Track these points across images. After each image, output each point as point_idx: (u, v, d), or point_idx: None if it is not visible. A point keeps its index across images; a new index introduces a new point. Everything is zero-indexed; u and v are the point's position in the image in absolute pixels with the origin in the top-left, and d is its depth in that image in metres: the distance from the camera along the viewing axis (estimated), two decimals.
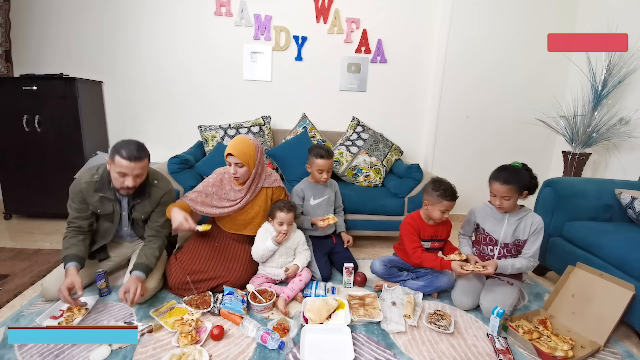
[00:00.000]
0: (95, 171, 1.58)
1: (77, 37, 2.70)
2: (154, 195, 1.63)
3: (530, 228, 1.58)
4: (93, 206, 1.56)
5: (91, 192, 1.54)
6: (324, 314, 1.45)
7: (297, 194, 2.01)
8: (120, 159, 1.42)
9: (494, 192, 1.56)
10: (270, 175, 1.85)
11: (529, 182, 1.53)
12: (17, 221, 2.64)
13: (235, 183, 1.76)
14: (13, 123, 2.44)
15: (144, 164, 1.49)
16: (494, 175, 1.57)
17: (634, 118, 2.31)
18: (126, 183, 1.46)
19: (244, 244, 1.82)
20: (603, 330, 1.38)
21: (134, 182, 1.48)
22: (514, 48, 2.77)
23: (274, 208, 1.71)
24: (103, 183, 1.55)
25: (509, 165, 1.58)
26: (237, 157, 1.63)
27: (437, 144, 2.93)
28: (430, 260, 1.62)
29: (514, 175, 1.52)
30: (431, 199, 1.64)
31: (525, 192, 1.54)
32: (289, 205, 1.70)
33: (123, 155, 1.42)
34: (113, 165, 1.44)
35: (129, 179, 1.46)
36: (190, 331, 1.31)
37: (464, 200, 3.03)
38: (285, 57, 2.84)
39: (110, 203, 1.58)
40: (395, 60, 2.91)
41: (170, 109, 2.88)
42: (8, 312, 1.48)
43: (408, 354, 1.31)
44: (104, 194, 1.55)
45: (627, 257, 1.45)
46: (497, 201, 1.56)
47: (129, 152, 1.42)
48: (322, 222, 1.88)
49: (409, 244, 1.69)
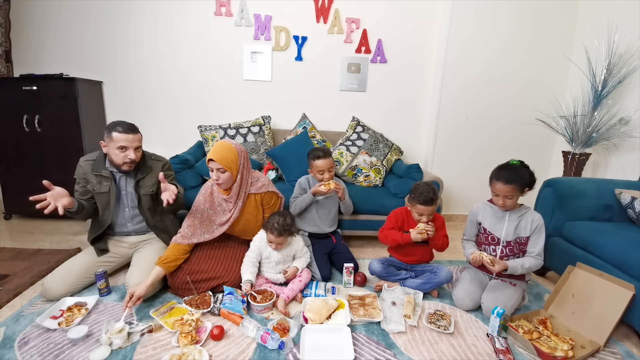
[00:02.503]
0: (95, 153, 1.70)
1: (77, 37, 2.70)
2: (155, 168, 1.73)
3: (531, 225, 1.59)
4: (91, 185, 1.64)
5: (89, 170, 1.64)
6: (324, 314, 1.45)
7: (300, 185, 2.02)
8: (117, 134, 1.54)
9: (497, 191, 1.56)
10: (258, 180, 1.78)
11: (529, 179, 1.54)
12: (17, 221, 2.64)
13: (220, 191, 1.73)
14: (13, 123, 2.44)
15: (139, 137, 1.63)
16: (496, 175, 1.57)
17: (634, 118, 2.31)
18: (129, 156, 1.57)
19: (243, 245, 1.82)
20: (603, 330, 1.38)
21: (135, 154, 1.60)
22: (514, 48, 2.76)
23: (266, 226, 1.66)
24: (99, 163, 1.64)
25: (509, 163, 1.59)
26: (218, 163, 1.59)
27: (437, 144, 2.93)
28: (392, 236, 1.73)
29: (516, 174, 1.53)
30: (409, 202, 1.70)
31: (526, 189, 1.55)
32: (281, 230, 1.61)
33: (120, 130, 1.54)
34: (112, 142, 1.55)
35: (130, 151, 1.57)
36: (190, 331, 1.31)
37: (464, 200, 3.06)
38: (285, 57, 2.84)
39: (106, 182, 1.64)
40: (395, 60, 2.91)
41: (170, 109, 2.88)
42: (8, 312, 1.48)
43: (408, 354, 1.31)
44: (99, 172, 1.63)
45: (627, 257, 1.45)
46: (500, 200, 1.57)
47: (124, 126, 1.56)
48: (322, 187, 1.85)
49: (383, 226, 1.80)
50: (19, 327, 1.37)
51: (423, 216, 1.67)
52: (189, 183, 2.22)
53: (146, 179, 1.70)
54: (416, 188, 1.67)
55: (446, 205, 2.98)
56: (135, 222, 1.76)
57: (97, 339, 1.30)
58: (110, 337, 1.25)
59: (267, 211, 1.81)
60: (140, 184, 1.69)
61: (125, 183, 1.69)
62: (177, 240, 1.67)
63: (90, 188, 1.64)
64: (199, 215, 1.74)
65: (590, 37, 2.54)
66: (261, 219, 1.81)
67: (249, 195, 1.76)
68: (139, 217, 1.76)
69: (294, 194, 2.02)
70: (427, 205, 1.63)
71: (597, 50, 2.45)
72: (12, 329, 1.35)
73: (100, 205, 1.67)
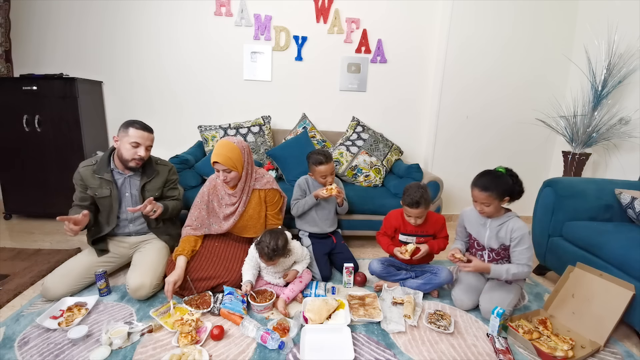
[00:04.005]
0: (93, 158, 1.69)
1: (77, 37, 2.70)
2: (162, 172, 1.77)
3: (511, 234, 1.52)
4: (91, 190, 1.63)
5: (89, 175, 1.63)
6: (324, 314, 1.45)
7: (300, 186, 2.01)
8: (134, 130, 1.58)
9: (474, 198, 1.54)
10: (263, 176, 1.81)
11: (511, 187, 1.48)
12: (17, 221, 2.64)
13: (227, 187, 1.76)
14: (13, 123, 2.44)
15: (153, 138, 1.66)
16: (474, 181, 1.54)
17: (634, 118, 2.31)
18: (139, 153, 1.59)
19: (243, 244, 1.82)
20: (603, 330, 1.38)
21: (146, 152, 1.62)
22: (514, 48, 2.77)
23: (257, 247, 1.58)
24: (101, 165, 1.64)
25: (491, 170, 1.54)
26: (223, 164, 1.61)
27: (437, 144, 2.93)
28: (383, 243, 1.79)
29: (494, 181, 1.48)
30: (401, 202, 1.69)
31: (506, 198, 1.51)
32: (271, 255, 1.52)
33: (137, 127, 1.59)
34: (126, 137, 1.58)
35: (141, 148, 1.60)
36: (190, 331, 1.31)
37: (463, 200, 3.06)
38: (285, 57, 2.84)
39: (107, 186, 1.64)
40: (395, 60, 2.91)
41: (170, 109, 2.88)
42: (8, 312, 1.48)
43: (408, 354, 1.31)
44: (101, 175, 1.63)
45: (627, 257, 1.45)
46: (477, 207, 1.55)
47: (142, 124, 1.61)
48: (324, 192, 1.85)
49: (380, 229, 1.84)
50: (19, 327, 1.37)
51: (411, 218, 1.67)
52: (189, 183, 2.22)
53: (152, 183, 1.73)
54: (407, 189, 1.66)
55: (446, 205, 2.98)
56: (137, 223, 1.77)
57: (97, 339, 1.29)
58: (110, 337, 1.25)
59: (269, 208, 1.82)
60: (147, 187, 1.71)
61: (130, 185, 1.69)
62: (188, 233, 1.74)
63: (91, 193, 1.64)
64: (204, 207, 1.76)
65: (590, 37, 2.55)
66: (264, 216, 1.82)
67: (253, 190, 1.78)
68: (141, 219, 1.77)
69: (294, 196, 2.02)
70: (413, 208, 1.62)
71: (597, 50, 2.46)
72: (12, 329, 1.35)
73: (103, 209, 1.68)
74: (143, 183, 1.70)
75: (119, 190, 1.68)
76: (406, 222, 1.75)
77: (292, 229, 2.13)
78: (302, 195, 2.01)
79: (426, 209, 1.66)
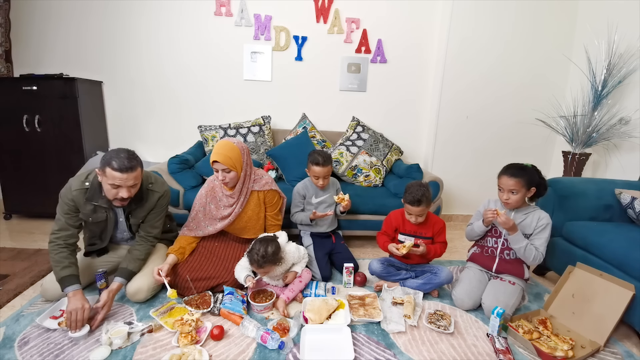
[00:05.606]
0: (85, 178, 1.48)
1: (77, 37, 2.70)
2: (150, 199, 1.57)
3: (537, 222, 1.59)
4: (84, 215, 1.48)
5: (82, 201, 1.46)
6: (324, 314, 1.45)
7: (298, 192, 2.01)
8: (111, 170, 1.33)
9: (502, 185, 1.58)
10: (261, 178, 1.80)
11: (537, 180, 1.55)
12: (17, 221, 2.64)
13: (225, 188, 1.75)
14: (13, 123, 2.44)
15: (137, 174, 1.40)
16: (503, 170, 1.60)
17: (634, 118, 2.31)
18: (120, 194, 1.38)
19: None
20: (603, 330, 1.38)
21: (129, 192, 1.39)
22: (514, 48, 2.76)
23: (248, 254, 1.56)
24: (94, 191, 1.46)
25: (519, 163, 1.61)
26: (223, 163, 1.60)
27: (437, 144, 2.93)
28: (381, 242, 1.80)
29: (523, 170, 1.55)
30: (402, 200, 1.72)
31: (532, 189, 1.56)
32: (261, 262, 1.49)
33: (114, 167, 1.33)
34: (105, 177, 1.36)
35: (123, 190, 1.37)
36: (190, 331, 1.31)
37: (463, 200, 3.06)
38: (285, 57, 2.84)
39: (103, 211, 1.51)
40: (395, 60, 2.91)
41: (170, 109, 2.88)
42: (8, 312, 1.48)
43: (408, 354, 1.31)
44: (96, 202, 1.47)
45: (627, 257, 1.45)
46: (504, 195, 1.58)
47: (119, 163, 1.33)
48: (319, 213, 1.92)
49: (381, 229, 1.85)
50: (19, 327, 1.37)
51: (412, 216, 1.68)
52: (189, 183, 2.22)
53: (137, 211, 1.57)
54: (408, 187, 1.68)
55: (446, 205, 2.98)
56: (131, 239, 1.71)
57: (97, 339, 1.29)
58: (110, 337, 1.25)
59: (269, 209, 1.82)
60: (132, 214, 1.58)
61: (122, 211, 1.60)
62: (184, 233, 1.76)
63: (85, 218, 1.49)
64: (201, 209, 1.77)
65: (590, 37, 2.54)
66: (263, 217, 1.82)
67: (252, 192, 1.77)
68: None
69: (293, 203, 2.03)
70: (414, 206, 1.64)
71: (597, 50, 2.45)
72: (12, 329, 1.35)
73: (97, 229, 1.57)
74: (129, 211, 1.56)
75: (115, 214, 1.57)
76: (406, 221, 1.75)
77: (292, 229, 2.13)
78: (302, 200, 2.02)
79: (427, 207, 1.68)
